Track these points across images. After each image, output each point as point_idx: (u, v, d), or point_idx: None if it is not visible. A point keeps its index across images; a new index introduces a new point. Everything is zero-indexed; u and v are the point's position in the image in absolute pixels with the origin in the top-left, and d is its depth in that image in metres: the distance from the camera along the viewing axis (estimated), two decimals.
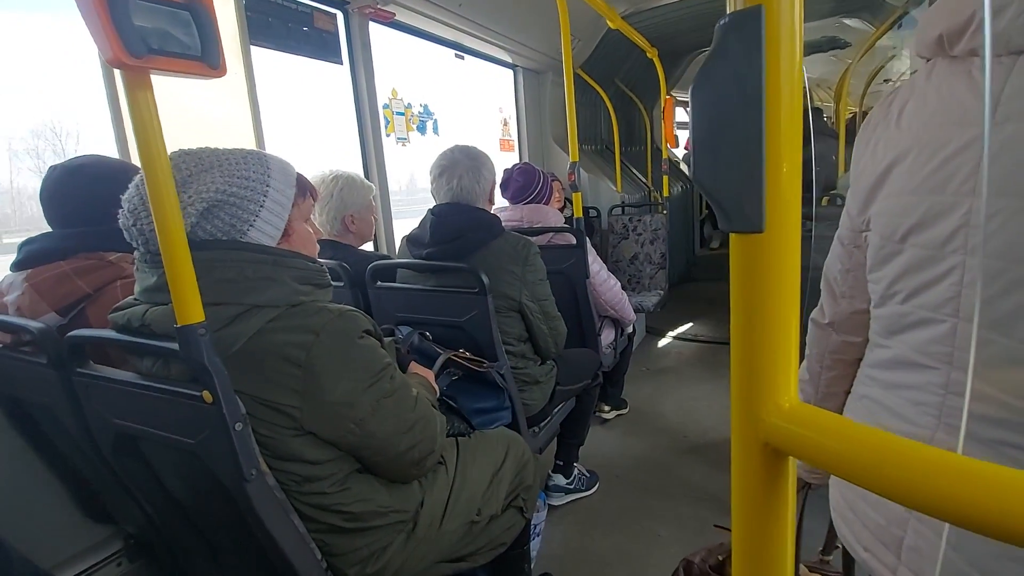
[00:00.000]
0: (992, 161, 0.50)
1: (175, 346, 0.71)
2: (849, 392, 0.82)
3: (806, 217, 1.88)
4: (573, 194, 1.96)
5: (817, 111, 3.34)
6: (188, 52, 0.63)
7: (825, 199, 3.10)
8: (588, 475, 2.03)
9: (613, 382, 2.53)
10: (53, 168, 1.07)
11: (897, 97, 0.65)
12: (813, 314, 0.82)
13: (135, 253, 0.83)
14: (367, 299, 1.57)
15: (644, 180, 4.76)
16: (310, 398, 0.80)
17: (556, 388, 1.63)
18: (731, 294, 0.31)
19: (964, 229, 0.53)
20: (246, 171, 0.84)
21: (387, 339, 1.19)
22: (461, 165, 1.50)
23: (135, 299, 0.84)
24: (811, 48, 5.19)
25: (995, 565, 0.53)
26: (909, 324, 0.62)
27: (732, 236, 0.30)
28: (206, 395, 0.71)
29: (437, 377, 1.27)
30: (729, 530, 0.96)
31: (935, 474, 0.23)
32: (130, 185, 0.82)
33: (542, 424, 1.64)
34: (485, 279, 1.33)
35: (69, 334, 0.87)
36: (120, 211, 0.81)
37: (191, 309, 0.68)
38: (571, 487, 1.97)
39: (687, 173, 5.21)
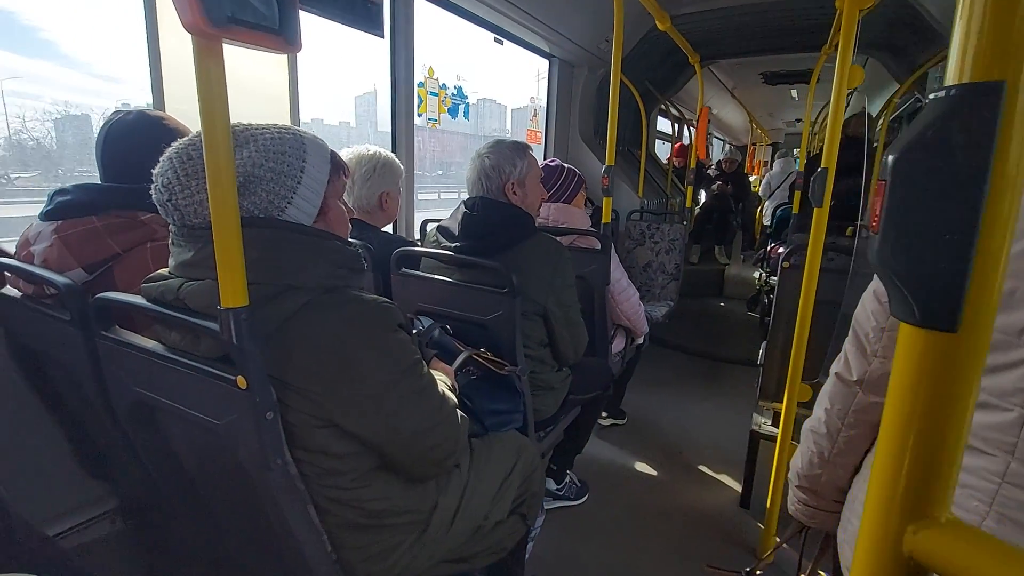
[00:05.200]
0: None
1: (214, 325, 0.68)
2: (868, 451, 0.79)
3: (836, 249, 1.85)
4: (604, 199, 1.93)
5: (860, 143, 3.27)
6: (264, 24, 0.60)
7: (849, 229, 3.07)
8: (579, 485, 2.02)
9: (615, 391, 2.52)
10: (115, 113, 1.04)
11: None
12: (837, 368, 0.79)
13: (170, 227, 0.80)
14: (388, 284, 1.54)
15: (663, 187, 4.72)
16: (341, 389, 0.77)
17: (568, 396, 1.61)
18: (890, 390, 0.28)
19: None
20: (282, 146, 0.81)
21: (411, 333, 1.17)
22: (487, 158, 1.46)
23: (170, 272, 0.81)
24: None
25: None
26: None
27: (906, 327, 0.27)
28: (240, 381, 0.69)
29: (456, 375, 1.24)
30: (723, 570, 0.94)
31: None
32: (162, 159, 0.79)
33: (548, 430, 1.62)
34: (515, 281, 1.30)
35: (98, 295, 0.84)
36: (152, 185, 0.78)
37: (237, 292, 0.65)
38: (560, 493, 1.96)
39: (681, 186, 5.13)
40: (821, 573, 0.95)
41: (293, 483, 0.76)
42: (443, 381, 1.09)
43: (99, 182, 1.05)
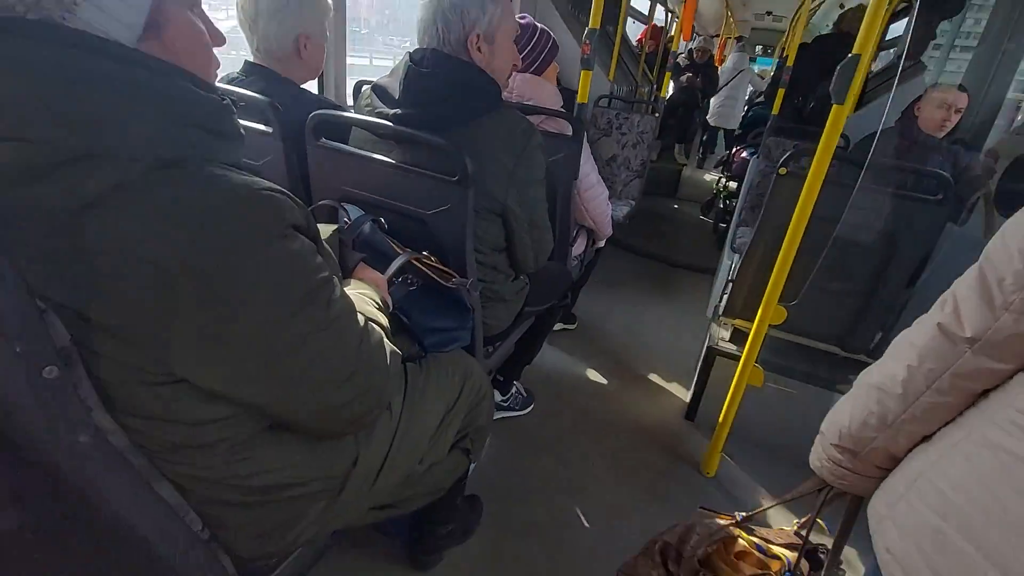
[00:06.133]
0: None
1: None
2: (948, 423, 0.63)
3: (843, 159, 1.64)
4: (583, 73, 1.57)
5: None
6: None
7: None
8: (525, 395, 1.89)
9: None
10: None
11: None
12: (942, 318, 0.60)
13: None
14: (303, 159, 1.18)
15: (634, 73, 4.29)
16: (189, 327, 0.49)
17: (523, 308, 1.39)
18: None
19: None
20: None
21: (329, 229, 0.86)
22: None
23: None
24: None
25: None
26: None
27: None
28: None
29: (390, 285, 0.97)
30: (717, 512, 0.76)
31: None
32: None
33: (497, 345, 1.41)
34: (470, 166, 0.99)
35: None
36: None
37: None
38: (505, 404, 1.83)
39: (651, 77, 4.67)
40: (819, 521, 0.85)
41: (122, 458, 0.50)
42: (369, 298, 0.82)
43: None
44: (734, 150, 4.18)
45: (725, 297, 1.90)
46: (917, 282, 1.61)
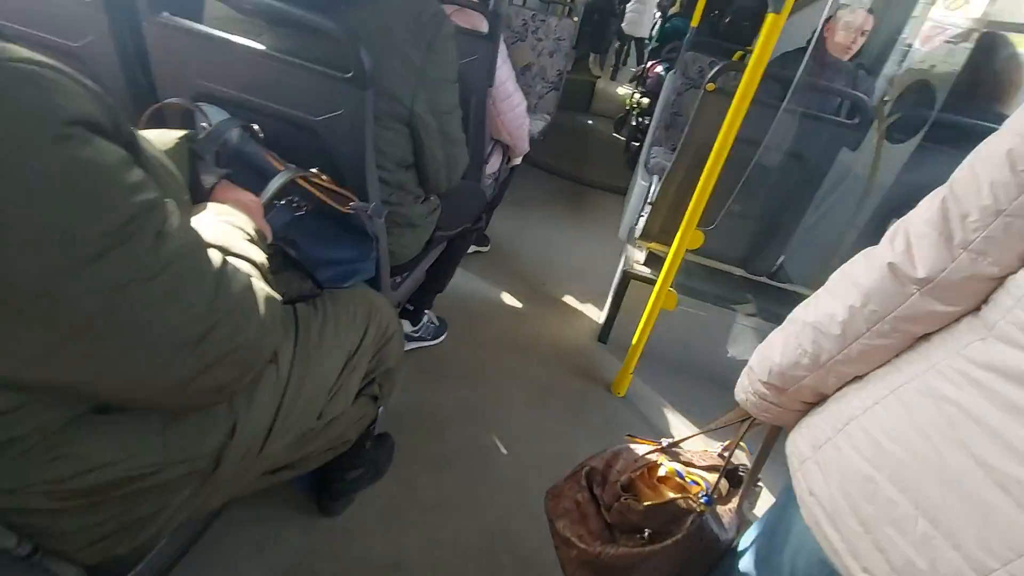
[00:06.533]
0: None
1: None
2: (883, 365, 0.61)
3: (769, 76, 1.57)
4: None
5: None
6: None
7: (739, 53, 2.83)
8: (437, 324, 1.78)
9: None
10: None
11: None
12: (893, 257, 0.55)
13: None
14: (140, 42, 0.90)
15: None
16: None
17: (434, 233, 1.24)
18: None
19: None
20: None
21: (177, 135, 0.65)
22: None
23: None
24: None
25: None
26: None
27: None
28: None
29: (269, 210, 0.78)
30: (640, 441, 0.73)
31: None
32: None
33: (406, 275, 1.27)
34: (367, 61, 0.79)
35: None
36: None
37: None
38: (416, 335, 1.72)
39: None
40: (743, 444, 0.86)
41: None
42: (236, 228, 0.63)
43: None
44: (648, 64, 4.07)
45: (641, 219, 1.87)
46: (810, 207, 1.66)
